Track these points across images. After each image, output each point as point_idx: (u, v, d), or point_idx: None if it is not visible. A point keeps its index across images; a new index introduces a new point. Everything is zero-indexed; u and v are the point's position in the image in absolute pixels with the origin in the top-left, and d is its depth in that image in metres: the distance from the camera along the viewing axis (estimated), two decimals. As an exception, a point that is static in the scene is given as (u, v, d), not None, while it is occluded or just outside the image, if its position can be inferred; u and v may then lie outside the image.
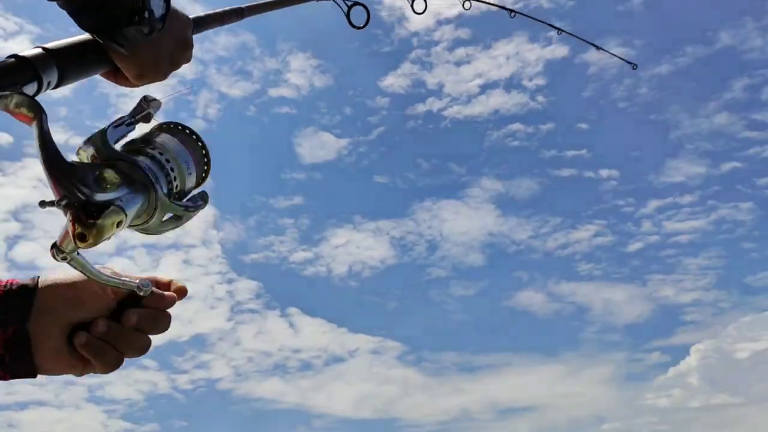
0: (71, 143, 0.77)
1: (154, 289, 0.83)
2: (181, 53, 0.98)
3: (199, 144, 0.89)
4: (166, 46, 0.92)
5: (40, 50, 0.77)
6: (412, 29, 20.03)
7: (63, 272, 0.82)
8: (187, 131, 0.88)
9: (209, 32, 1.19)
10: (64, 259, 0.71)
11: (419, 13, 1.93)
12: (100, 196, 0.69)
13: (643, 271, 19.43)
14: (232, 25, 1.24)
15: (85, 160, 0.77)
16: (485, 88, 19.97)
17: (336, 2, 1.51)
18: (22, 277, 0.82)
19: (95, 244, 0.69)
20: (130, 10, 0.79)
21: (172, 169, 0.82)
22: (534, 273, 20.33)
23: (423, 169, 21.21)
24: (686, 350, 18.16)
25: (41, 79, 0.74)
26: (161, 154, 0.81)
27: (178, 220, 0.82)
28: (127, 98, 0.92)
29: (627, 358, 19.01)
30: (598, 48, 3.86)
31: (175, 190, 0.82)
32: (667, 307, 18.77)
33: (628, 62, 4.32)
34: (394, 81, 20.30)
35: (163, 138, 0.85)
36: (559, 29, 3.49)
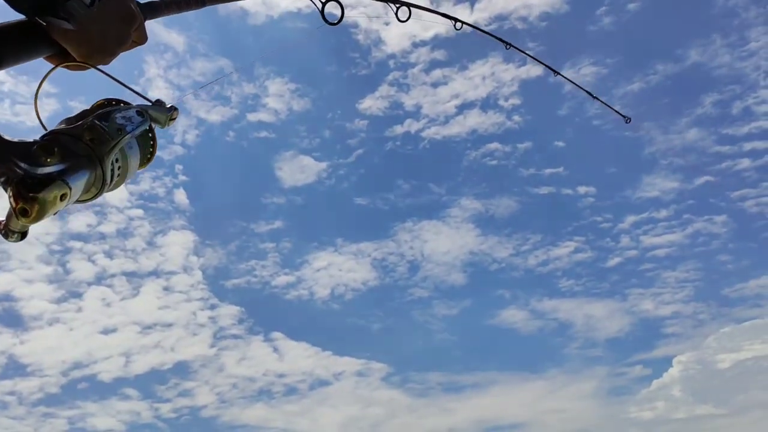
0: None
1: None
2: (128, 27, 0.94)
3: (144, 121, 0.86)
4: (110, 21, 0.88)
5: None
6: (388, 51, 20.29)
7: None
8: (124, 104, 0.86)
9: (185, 57, 1.18)
10: (16, 238, 0.70)
11: (403, 21, 1.97)
12: (41, 170, 0.68)
13: (623, 286, 19.64)
14: (206, 49, 1.25)
15: None
16: (462, 108, 20.26)
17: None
18: None
19: (40, 218, 0.68)
20: None
21: (114, 141, 0.78)
22: (516, 291, 20.43)
23: (403, 190, 21.33)
24: (668, 362, 18.31)
25: None
26: (104, 129, 0.77)
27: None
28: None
29: (610, 373, 19.09)
30: (594, 98, 3.98)
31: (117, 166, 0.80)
32: (647, 321, 18.95)
33: (623, 116, 4.51)
34: (372, 103, 20.51)
35: (106, 111, 0.82)
36: (556, 72, 3.57)
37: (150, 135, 0.87)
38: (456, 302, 20.61)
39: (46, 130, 0.77)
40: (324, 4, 1.56)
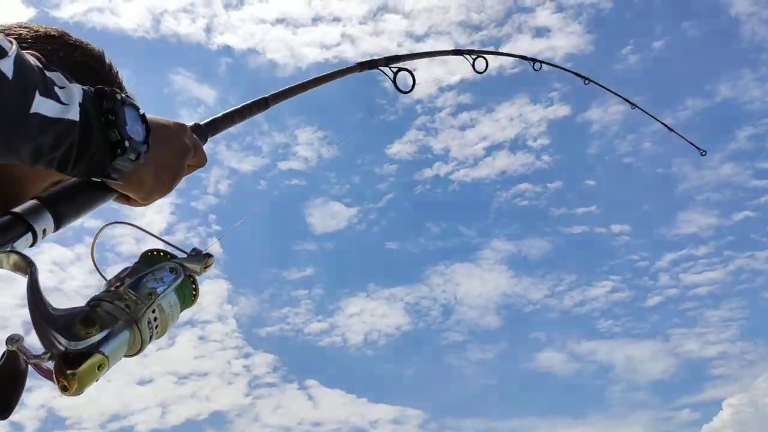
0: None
1: None
2: (181, 162, 0.97)
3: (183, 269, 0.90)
4: (161, 161, 0.91)
5: (34, 202, 0.80)
6: (415, 97, 20.56)
7: None
8: (169, 256, 0.90)
9: (216, 110, 1.22)
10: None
11: (480, 73, 2.01)
12: (81, 345, 0.71)
13: (665, 326, 19.10)
14: (236, 101, 1.30)
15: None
16: (491, 150, 20.29)
17: (381, 70, 1.57)
18: None
19: (79, 392, 0.72)
20: (109, 146, 0.80)
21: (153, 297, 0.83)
22: (552, 333, 20.02)
23: (433, 233, 21.28)
24: (718, 405, 17.61)
25: (35, 231, 0.78)
26: (135, 296, 0.81)
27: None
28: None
29: (656, 417, 18.45)
30: (669, 129, 3.92)
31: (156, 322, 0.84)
32: (692, 362, 18.34)
33: (698, 148, 4.23)
34: (401, 148, 20.68)
35: (139, 277, 0.85)
36: (633, 104, 3.56)
37: (189, 282, 0.91)
38: (491, 346, 20.27)
39: (105, 279, 0.85)
40: (395, 74, 1.57)
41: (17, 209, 0.78)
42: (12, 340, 0.73)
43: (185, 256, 0.91)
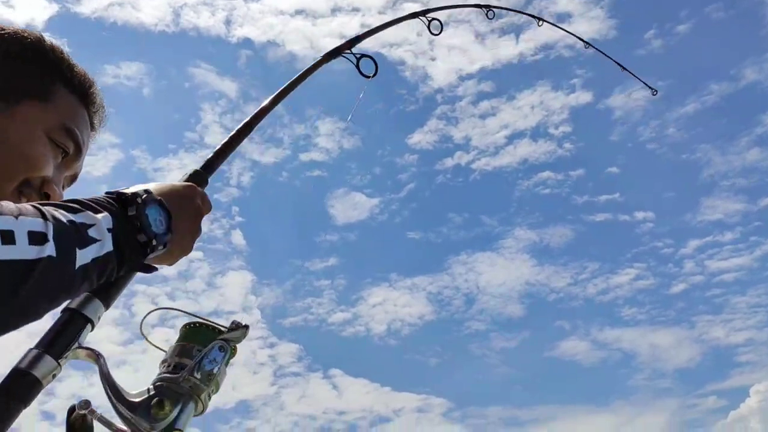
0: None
1: None
2: (197, 224, 1.04)
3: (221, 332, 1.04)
4: (181, 232, 0.98)
5: (86, 294, 0.92)
6: (435, 86, 20.52)
7: None
8: (211, 328, 1.03)
9: (239, 102, 1.32)
10: None
11: (436, 34, 2.03)
12: (161, 425, 0.88)
13: (690, 313, 18.91)
14: (258, 94, 1.39)
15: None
16: (512, 138, 20.22)
17: (345, 57, 1.65)
18: None
19: None
20: (140, 248, 0.88)
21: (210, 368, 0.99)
22: (576, 321, 19.93)
23: (455, 222, 21.30)
24: (745, 392, 17.43)
25: (92, 321, 0.91)
26: (198, 380, 0.96)
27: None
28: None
29: (681, 405, 18.30)
30: (623, 68, 3.97)
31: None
32: (718, 349, 18.13)
33: (650, 87, 4.44)
34: (422, 138, 20.71)
35: (194, 342, 1.01)
36: (587, 43, 3.60)
37: (231, 349, 1.05)
38: (514, 334, 20.28)
39: (162, 349, 1.01)
40: (358, 60, 1.65)
41: (73, 305, 0.91)
42: (82, 406, 0.88)
43: (226, 329, 1.04)
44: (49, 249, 0.71)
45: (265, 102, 1.49)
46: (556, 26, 3.54)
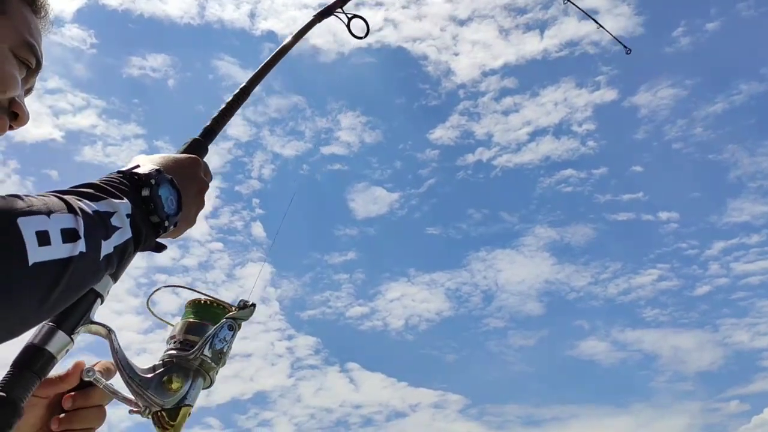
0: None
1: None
2: (202, 197, 1.05)
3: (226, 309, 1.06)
4: (188, 205, 0.99)
5: None
6: (458, 81, 20.40)
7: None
8: (221, 306, 1.06)
9: (261, 95, 1.25)
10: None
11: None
12: (172, 400, 0.92)
13: (714, 316, 18.55)
14: (280, 87, 1.30)
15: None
16: (534, 135, 20.03)
17: (337, 16, 1.61)
18: None
19: None
20: (153, 228, 0.89)
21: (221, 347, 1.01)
22: (596, 321, 19.69)
23: (475, 219, 21.16)
24: (768, 398, 17.02)
25: (101, 295, 0.93)
26: (209, 359, 0.99)
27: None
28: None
29: (703, 408, 17.97)
30: (599, 26, 3.88)
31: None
32: (742, 353, 17.76)
33: (624, 46, 4.30)
34: (443, 133, 20.61)
35: (208, 337, 1.01)
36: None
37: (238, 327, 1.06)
38: (532, 333, 20.10)
39: (169, 324, 1.04)
40: (350, 20, 1.60)
41: None
42: (88, 372, 0.93)
43: (233, 308, 1.07)
44: (81, 245, 0.73)
45: (263, 63, 1.48)
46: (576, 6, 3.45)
